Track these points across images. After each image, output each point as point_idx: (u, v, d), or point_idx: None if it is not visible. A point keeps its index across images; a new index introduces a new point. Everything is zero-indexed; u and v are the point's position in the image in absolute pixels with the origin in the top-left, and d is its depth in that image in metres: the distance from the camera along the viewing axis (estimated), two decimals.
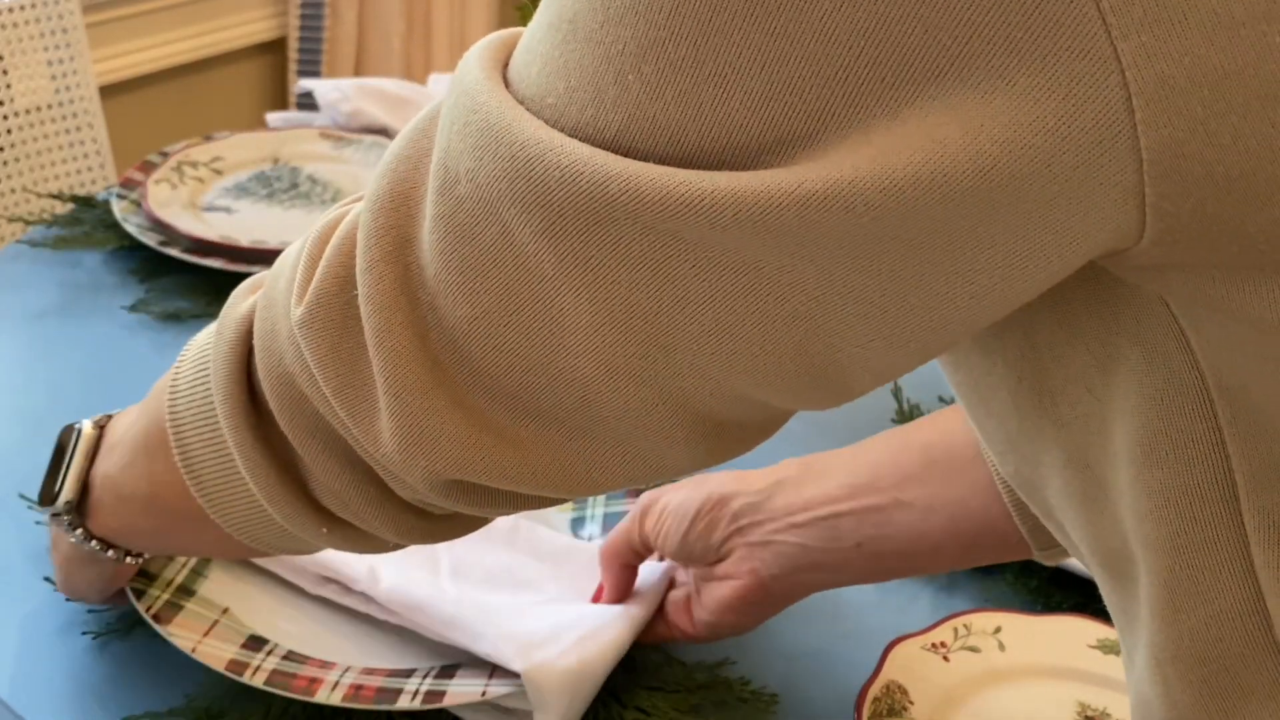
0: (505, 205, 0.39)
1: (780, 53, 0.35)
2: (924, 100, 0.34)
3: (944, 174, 0.35)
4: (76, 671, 0.75)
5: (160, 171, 1.24)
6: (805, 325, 0.39)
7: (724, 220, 0.36)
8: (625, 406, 0.42)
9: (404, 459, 0.45)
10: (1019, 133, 0.34)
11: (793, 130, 0.36)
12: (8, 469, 0.90)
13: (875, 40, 0.34)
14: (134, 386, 1.00)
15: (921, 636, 0.78)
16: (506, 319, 0.42)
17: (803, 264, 0.37)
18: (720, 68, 0.35)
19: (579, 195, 0.37)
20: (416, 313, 0.44)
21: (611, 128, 0.37)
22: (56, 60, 1.67)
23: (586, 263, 0.39)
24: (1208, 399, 0.40)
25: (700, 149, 0.37)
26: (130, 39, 2.25)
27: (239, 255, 1.13)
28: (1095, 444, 0.44)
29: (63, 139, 1.70)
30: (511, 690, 0.71)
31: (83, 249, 1.18)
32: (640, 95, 0.37)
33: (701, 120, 0.36)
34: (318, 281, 0.46)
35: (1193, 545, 0.42)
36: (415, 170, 0.44)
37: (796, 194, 0.35)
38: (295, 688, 0.70)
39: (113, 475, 0.65)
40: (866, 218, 0.35)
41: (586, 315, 0.40)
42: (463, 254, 0.41)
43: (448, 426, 0.44)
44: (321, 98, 1.36)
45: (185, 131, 1.73)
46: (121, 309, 1.10)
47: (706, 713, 0.75)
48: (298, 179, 1.28)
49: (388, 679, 0.72)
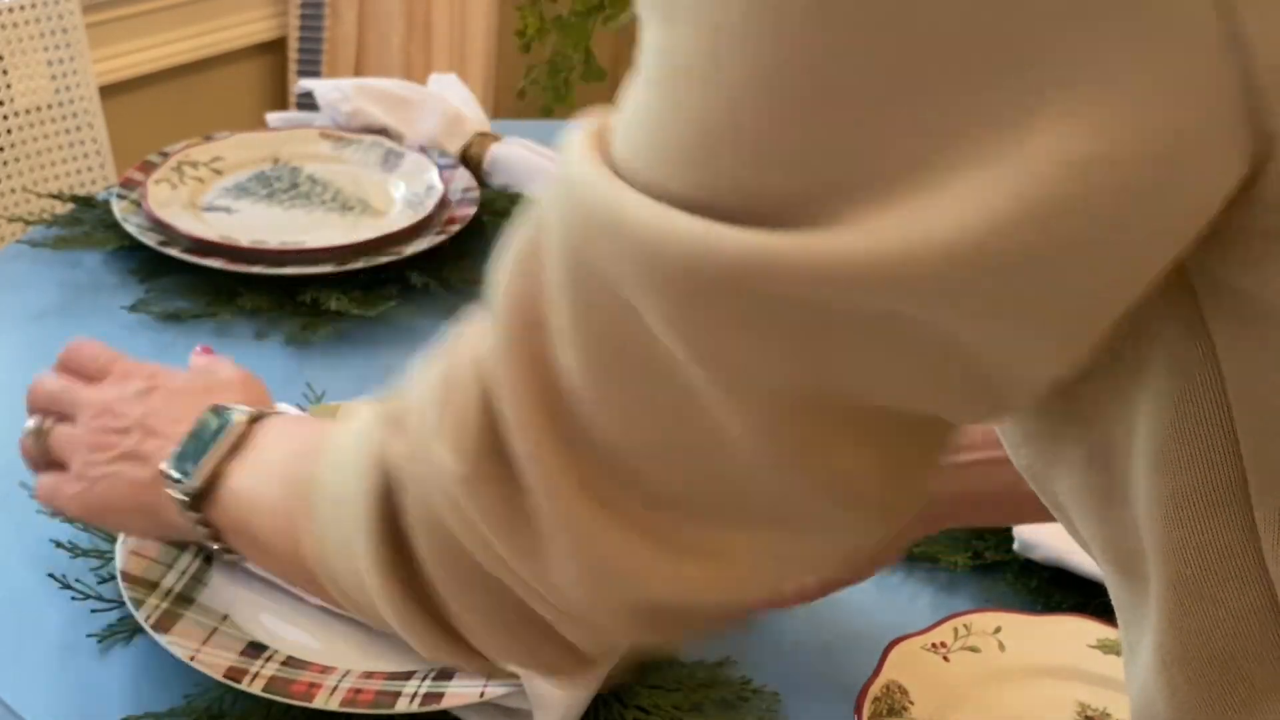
0: (655, 319, 0.38)
1: (906, 70, 0.34)
2: (1050, 112, 0.33)
3: (1085, 191, 0.34)
4: (76, 672, 0.75)
5: (160, 171, 1.24)
6: (964, 358, 0.37)
7: (874, 285, 0.35)
8: (805, 489, 0.41)
9: (591, 599, 0.44)
10: (1148, 127, 0.33)
11: (921, 161, 0.34)
12: (8, 468, 0.90)
13: (999, 48, 0.33)
14: None
15: (921, 636, 0.78)
16: (672, 440, 0.41)
17: (954, 309, 0.36)
18: (846, 103, 0.34)
19: (724, 291, 0.36)
20: (575, 453, 0.42)
21: (720, 194, 0.36)
22: (56, 60, 1.67)
23: (733, 365, 0.38)
24: (1225, 404, 0.40)
25: (822, 195, 0.35)
26: (130, 39, 2.25)
27: (239, 255, 1.13)
28: (1120, 445, 0.43)
29: (63, 139, 1.70)
30: (511, 690, 0.71)
31: (83, 249, 1.18)
32: (755, 149, 0.36)
33: (825, 167, 0.35)
34: (473, 430, 0.44)
35: (1204, 547, 0.42)
36: (534, 306, 0.42)
37: (950, 244, 0.34)
38: (294, 693, 0.70)
39: (247, 506, 0.64)
40: (1022, 251, 0.34)
41: (746, 420, 0.39)
42: (615, 377, 0.41)
43: (631, 555, 0.43)
44: (321, 98, 1.36)
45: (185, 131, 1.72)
46: (121, 309, 1.10)
47: (708, 711, 0.75)
48: (298, 179, 1.28)
49: (386, 682, 0.72)
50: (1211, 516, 0.41)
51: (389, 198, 1.26)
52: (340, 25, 2.46)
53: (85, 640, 0.76)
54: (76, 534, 0.84)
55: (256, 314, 1.10)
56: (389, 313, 1.11)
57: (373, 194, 1.26)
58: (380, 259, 1.14)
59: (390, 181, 1.28)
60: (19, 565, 0.82)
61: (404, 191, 1.26)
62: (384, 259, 1.14)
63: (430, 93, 1.37)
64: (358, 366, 1.05)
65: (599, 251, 0.39)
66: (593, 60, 0.99)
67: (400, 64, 2.54)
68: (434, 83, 1.41)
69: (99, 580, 0.80)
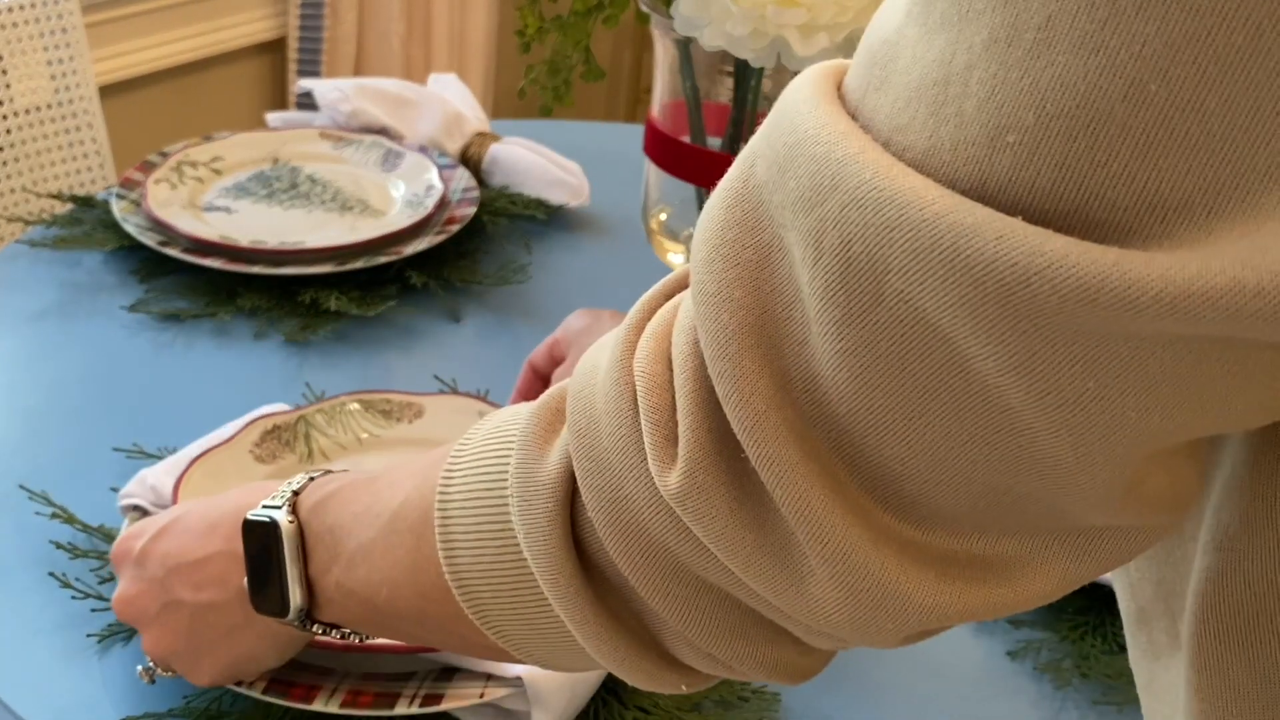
0: (962, 331, 0.32)
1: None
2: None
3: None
4: (76, 672, 0.75)
5: (160, 171, 1.24)
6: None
7: (1220, 314, 0.30)
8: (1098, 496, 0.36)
9: (858, 628, 0.39)
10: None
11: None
12: (8, 468, 0.90)
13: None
14: (134, 386, 1.00)
15: None
16: (956, 450, 0.35)
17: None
18: (1244, 97, 0.29)
19: (1051, 303, 0.31)
20: (826, 463, 0.37)
21: (1046, 193, 0.31)
22: (56, 60, 1.67)
23: (1050, 383, 0.32)
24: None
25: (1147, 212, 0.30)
26: (130, 39, 2.25)
27: (238, 255, 1.13)
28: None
29: (62, 139, 1.70)
30: (510, 691, 0.71)
31: (83, 249, 1.18)
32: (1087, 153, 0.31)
33: (1203, 171, 0.30)
34: (688, 444, 0.39)
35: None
36: (759, 292, 0.37)
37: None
38: (293, 696, 0.70)
39: (358, 591, 0.57)
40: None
41: (1061, 439, 0.34)
42: (896, 390, 0.35)
43: (903, 580, 0.38)
44: (321, 98, 1.36)
45: (185, 131, 1.73)
46: (121, 309, 1.10)
47: (707, 711, 0.74)
48: (297, 179, 1.28)
49: (386, 684, 0.72)
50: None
51: (389, 198, 1.26)
52: (340, 25, 2.46)
53: (85, 640, 0.76)
54: (76, 534, 0.84)
55: (256, 314, 1.10)
56: (388, 312, 1.11)
57: (372, 194, 1.26)
58: (380, 259, 1.14)
59: (390, 181, 1.28)
60: (19, 565, 0.82)
61: (404, 191, 1.26)
62: (383, 259, 1.14)
63: (430, 93, 1.37)
64: (357, 366, 1.05)
65: (891, 252, 0.33)
66: (593, 60, 0.99)
67: (400, 64, 2.54)
68: (434, 83, 1.41)
69: (99, 580, 0.80)
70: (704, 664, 0.46)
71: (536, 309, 1.13)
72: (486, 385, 1.00)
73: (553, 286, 1.17)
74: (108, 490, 0.86)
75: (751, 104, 0.94)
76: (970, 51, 0.32)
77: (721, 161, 0.95)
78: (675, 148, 0.97)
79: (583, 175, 1.29)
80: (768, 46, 0.84)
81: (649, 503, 0.41)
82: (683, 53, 0.95)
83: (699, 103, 0.96)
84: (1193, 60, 0.29)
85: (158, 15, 2.28)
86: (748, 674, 0.45)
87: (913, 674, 0.79)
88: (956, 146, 0.32)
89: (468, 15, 2.65)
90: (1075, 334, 0.31)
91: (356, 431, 0.91)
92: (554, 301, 1.13)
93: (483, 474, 0.49)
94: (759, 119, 0.95)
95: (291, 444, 0.89)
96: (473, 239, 1.21)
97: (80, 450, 0.92)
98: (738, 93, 0.94)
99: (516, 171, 1.30)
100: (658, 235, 1.03)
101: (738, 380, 0.37)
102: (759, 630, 0.44)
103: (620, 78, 3.06)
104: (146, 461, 0.89)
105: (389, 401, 0.92)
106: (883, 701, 0.77)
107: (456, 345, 1.09)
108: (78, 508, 0.85)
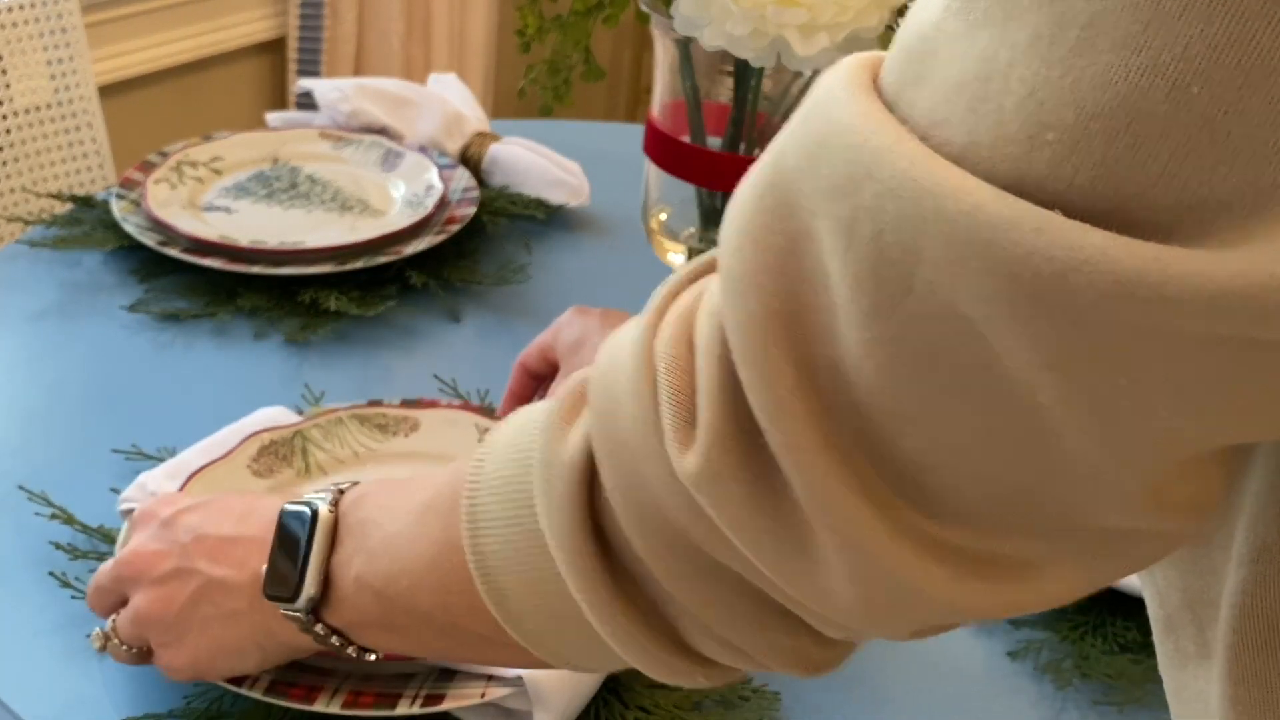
0: (997, 326, 0.32)
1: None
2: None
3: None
4: (76, 672, 0.75)
5: (160, 171, 1.24)
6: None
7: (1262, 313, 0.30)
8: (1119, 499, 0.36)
9: (870, 620, 0.40)
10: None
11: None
12: (8, 469, 0.90)
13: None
14: (134, 386, 1.00)
15: None
16: (981, 445, 0.35)
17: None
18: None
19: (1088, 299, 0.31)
20: (848, 453, 0.37)
21: (1086, 190, 0.31)
22: (56, 60, 1.67)
23: (1083, 380, 0.32)
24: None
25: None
26: (130, 39, 2.25)
27: (238, 255, 1.13)
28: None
29: (62, 139, 1.69)
30: (511, 691, 0.71)
31: (82, 249, 1.18)
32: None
33: (1247, 167, 0.30)
34: (707, 427, 0.39)
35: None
36: (788, 279, 0.36)
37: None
38: (294, 696, 0.70)
39: (375, 584, 0.57)
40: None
41: (1090, 439, 0.34)
42: (923, 382, 0.35)
43: (919, 574, 0.37)
44: (321, 98, 1.36)
45: (185, 131, 1.73)
46: (121, 309, 1.10)
47: (708, 711, 0.74)
48: (297, 179, 1.28)
49: (387, 684, 0.72)
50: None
51: (388, 197, 1.26)
52: (340, 25, 2.46)
53: (85, 640, 0.76)
54: (76, 534, 0.84)
55: (255, 314, 1.10)
56: (388, 312, 1.11)
57: (372, 194, 1.26)
58: (380, 259, 1.14)
59: (390, 181, 1.28)
60: (19, 565, 0.82)
61: (403, 191, 1.26)
62: (383, 259, 1.14)
63: (430, 93, 1.37)
64: (357, 366, 1.05)
65: (925, 242, 0.33)
66: (593, 60, 0.99)
67: (400, 64, 2.54)
68: (434, 83, 1.41)
69: None
70: (720, 652, 0.46)
71: (536, 309, 1.13)
72: (486, 385, 1.00)
73: (553, 286, 1.17)
74: (107, 491, 0.86)
75: (751, 104, 0.94)
76: (1013, 49, 0.32)
77: (721, 161, 0.95)
78: (675, 148, 0.97)
79: (583, 175, 1.29)
80: (768, 46, 0.84)
81: (667, 485, 0.41)
82: (683, 52, 0.95)
83: (699, 103, 0.96)
84: (1236, 63, 0.29)
85: (157, 15, 2.28)
86: (764, 662, 0.45)
87: (913, 674, 0.79)
88: (995, 143, 0.32)
89: (468, 15, 2.65)
90: (1111, 330, 0.31)
91: (353, 446, 0.91)
92: (554, 301, 1.13)
93: (510, 459, 0.50)
94: (759, 119, 0.95)
95: (289, 459, 0.89)
96: (473, 239, 1.21)
97: (80, 451, 0.92)
98: (738, 93, 0.94)
99: (516, 171, 1.30)
100: (658, 235, 1.03)
101: (762, 366, 0.37)
102: (775, 618, 0.43)
103: (620, 78, 3.06)
104: (146, 462, 0.89)
105: (385, 415, 0.92)
106: (883, 701, 0.77)
107: (456, 345, 1.09)
108: (77, 508, 0.85)
